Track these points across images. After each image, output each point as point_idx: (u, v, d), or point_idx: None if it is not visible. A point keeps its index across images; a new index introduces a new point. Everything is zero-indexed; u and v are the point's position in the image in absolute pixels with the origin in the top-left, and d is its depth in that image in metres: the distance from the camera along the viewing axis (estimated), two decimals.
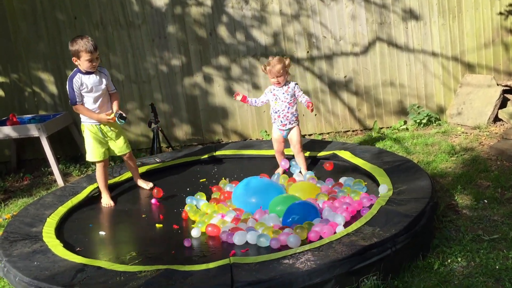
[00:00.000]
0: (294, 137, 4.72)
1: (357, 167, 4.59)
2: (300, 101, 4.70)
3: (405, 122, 6.43)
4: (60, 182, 5.69)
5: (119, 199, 4.71)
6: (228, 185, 4.53)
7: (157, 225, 4.04)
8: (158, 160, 5.38)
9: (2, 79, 6.41)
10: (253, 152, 5.38)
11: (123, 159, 4.81)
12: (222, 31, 6.26)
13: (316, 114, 6.40)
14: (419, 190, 3.74)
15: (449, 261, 3.22)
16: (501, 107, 6.04)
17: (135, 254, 3.55)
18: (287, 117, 4.66)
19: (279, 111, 4.66)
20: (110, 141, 4.56)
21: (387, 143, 5.75)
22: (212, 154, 5.44)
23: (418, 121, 6.30)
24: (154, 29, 6.25)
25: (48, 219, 4.13)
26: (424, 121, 6.28)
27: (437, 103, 6.42)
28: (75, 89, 4.29)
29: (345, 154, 4.83)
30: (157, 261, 3.35)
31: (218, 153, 5.45)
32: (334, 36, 6.24)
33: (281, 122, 4.68)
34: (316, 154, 5.05)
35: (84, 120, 4.47)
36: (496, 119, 6.03)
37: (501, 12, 6.20)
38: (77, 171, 6.03)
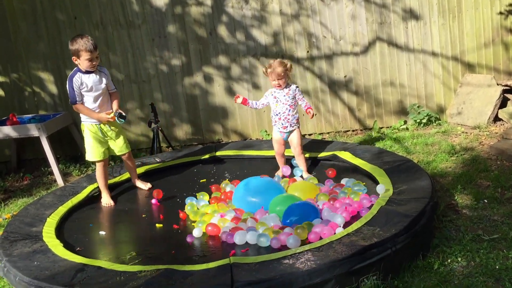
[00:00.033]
0: (294, 139, 4.71)
1: (357, 168, 4.59)
2: (300, 104, 4.70)
3: (405, 122, 6.43)
4: (60, 182, 5.69)
5: (119, 198, 4.71)
6: (229, 185, 4.53)
7: (157, 225, 4.04)
8: (158, 160, 5.38)
9: (2, 79, 6.40)
10: (253, 152, 5.38)
11: (121, 159, 4.81)
12: (222, 30, 6.26)
13: (316, 114, 6.39)
14: (419, 190, 3.74)
15: (449, 261, 3.22)
16: (501, 106, 6.04)
17: (135, 254, 3.55)
18: (288, 119, 4.65)
19: (280, 113, 4.64)
20: (110, 141, 4.56)
21: (387, 143, 5.75)
22: (212, 154, 5.44)
23: (418, 121, 6.30)
24: (154, 28, 6.25)
25: (48, 219, 4.12)
26: (424, 121, 6.28)
27: (437, 103, 6.42)
28: (75, 88, 4.29)
29: (345, 155, 4.83)
30: (157, 261, 3.35)
31: (218, 153, 5.45)
32: (334, 36, 6.24)
33: (282, 125, 4.67)
34: (316, 155, 5.04)
35: (84, 120, 4.47)
36: (496, 118, 6.03)
37: (501, 11, 6.20)
38: (77, 171, 6.03)
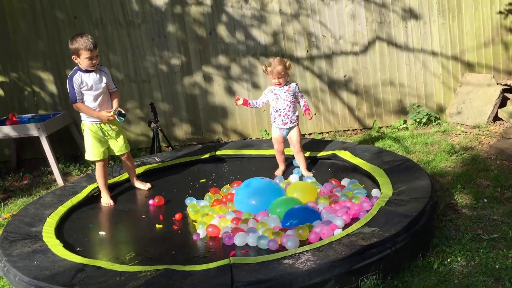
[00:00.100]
0: (293, 136, 4.72)
1: (357, 167, 4.59)
2: (298, 101, 4.71)
3: (405, 121, 6.43)
4: (60, 181, 5.69)
5: (119, 198, 4.71)
6: (229, 190, 4.48)
7: (157, 225, 4.04)
8: (158, 160, 5.38)
9: (1, 78, 6.40)
10: (253, 152, 5.38)
11: (121, 159, 4.81)
12: (222, 30, 6.25)
13: (315, 113, 6.39)
14: (419, 190, 3.74)
15: (448, 260, 3.23)
16: (500, 106, 6.04)
17: (135, 254, 3.55)
18: (288, 115, 4.66)
19: (280, 109, 4.65)
20: (110, 140, 4.56)
21: (387, 142, 5.75)
22: (212, 153, 5.44)
23: (418, 120, 6.30)
24: (153, 28, 6.24)
25: (48, 218, 4.12)
26: (423, 120, 6.28)
27: (437, 102, 6.42)
28: (75, 87, 4.29)
29: (345, 154, 4.83)
30: (157, 261, 3.35)
31: (218, 153, 5.45)
32: (333, 36, 6.24)
33: (282, 121, 4.68)
34: (316, 154, 5.04)
35: (85, 119, 4.46)
36: (496, 118, 6.03)
37: (500, 11, 6.21)
38: (77, 170, 6.02)
